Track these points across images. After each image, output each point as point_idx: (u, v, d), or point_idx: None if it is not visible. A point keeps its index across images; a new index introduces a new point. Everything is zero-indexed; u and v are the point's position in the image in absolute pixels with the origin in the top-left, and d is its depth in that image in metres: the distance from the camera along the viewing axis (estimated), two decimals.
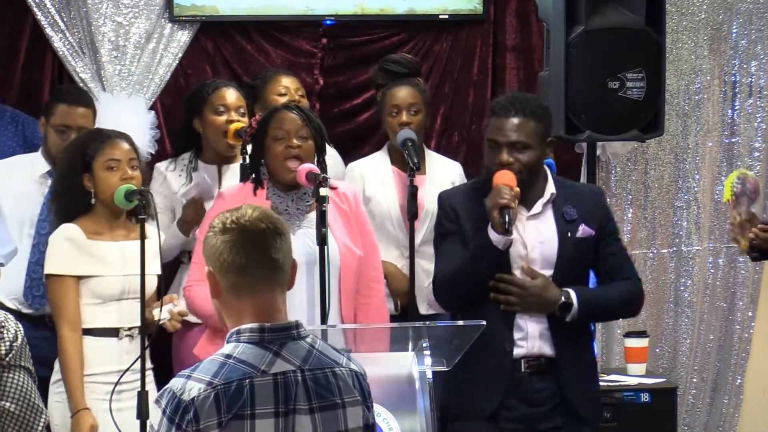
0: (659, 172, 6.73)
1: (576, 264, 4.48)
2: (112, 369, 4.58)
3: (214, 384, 2.79)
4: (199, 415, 2.77)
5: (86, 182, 4.66)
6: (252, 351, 2.85)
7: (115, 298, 4.62)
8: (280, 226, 2.92)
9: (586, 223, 4.47)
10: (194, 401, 2.78)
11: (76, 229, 4.64)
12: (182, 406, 2.78)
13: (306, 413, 2.85)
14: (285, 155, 4.61)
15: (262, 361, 2.84)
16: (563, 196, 4.49)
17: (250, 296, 2.89)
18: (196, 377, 2.81)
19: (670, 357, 6.76)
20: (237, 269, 2.87)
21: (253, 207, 2.94)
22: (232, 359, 2.84)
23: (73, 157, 4.72)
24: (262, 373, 2.83)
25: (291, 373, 2.85)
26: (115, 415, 4.42)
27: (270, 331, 2.87)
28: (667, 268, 6.75)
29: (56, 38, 6.16)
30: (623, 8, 5.65)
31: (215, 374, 2.81)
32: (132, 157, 4.70)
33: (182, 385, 2.81)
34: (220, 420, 2.77)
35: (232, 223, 2.89)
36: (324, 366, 2.90)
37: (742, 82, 6.73)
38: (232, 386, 2.79)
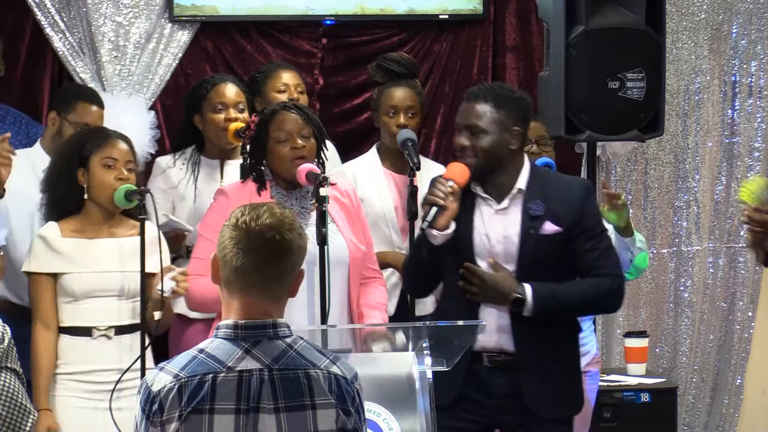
0: (659, 172, 6.73)
1: (541, 261, 4.37)
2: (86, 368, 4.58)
3: (180, 377, 2.84)
4: (164, 407, 2.83)
5: (80, 176, 4.66)
6: (224, 347, 2.88)
7: (87, 296, 4.61)
8: (289, 239, 2.90)
9: (555, 220, 4.36)
10: (160, 393, 2.84)
11: (52, 227, 4.65)
12: (151, 397, 2.85)
13: (270, 412, 2.85)
14: (291, 156, 4.61)
15: (230, 358, 2.86)
16: (536, 191, 4.39)
17: (240, 296, 2.91)
18: (167, 369, 2.88)
19: (670, 357, 6.76)
20: (234, 268, 2.89)
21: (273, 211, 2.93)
22: (203, 353, 2.88)
23: (71, 150, 4.72)
24: (228, 370, 2.85)
25: (257, 372, 2.86)
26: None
27: (244, 329, 2.90)
28: (667, 268, 6.75)
29: (56, 38, 6.16)
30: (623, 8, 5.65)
31: (183, 367, 2.86)
32: (129, 159, 4.69)
33: (154, 376, 2.88)
34: (181, 413, 2.82)
35: (244, 222, 2.90)
36: (297, 367, 2.89)
37: (742, 82, 6.73)
38: (195, 380, 2.84)
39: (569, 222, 4.38)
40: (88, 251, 4.64)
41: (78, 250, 4.63)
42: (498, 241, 4.38)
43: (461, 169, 4.33)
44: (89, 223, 4.68)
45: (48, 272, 4.63)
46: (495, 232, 4.39)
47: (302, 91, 5.71)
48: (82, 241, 4.64)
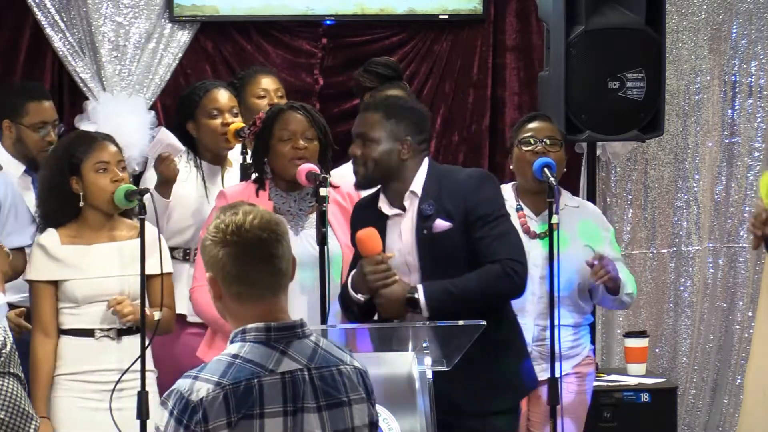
0: (659, 172, 6.73)
1: (443, 260, 4.30)
2: (93, 368, 4.59)
3: (223, 384, 2.78)
4: (208, 416, 2.76)
5: (74, 185, 4.64)
6: (259, 350, 2.85)
7: (90, 301, 4.61)
8: (279, 231, 2.90)
9: (445, 216, 4.30)
10: (203, 402, 2.77)
11: (51, 235, 4.64)
12: (190, 407, 2.77)
13: (314, 411, 2.84)
14: (291, 156, 4.62)
15: (269, 360, 2.84)
16: (430, 192, 4.34)
17: (254, 303, 2.88)
18: (204, 377, 2.81)
19: (670, 357, 6.76)
20: (241, 281, 2.86)
21: (251, 211, 2.89)
22: (239, 359, 2.83)
23: (60, 161, 4.68)
24: (270, 372, 2.82)
25: (298, 372, 2.85)
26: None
27: (276, 330, 2.87)
28: (667, 268, 6.76)
29: (56, 38, 6.16)
30: (623, 8, 5.66)
31: (223, 374, 2.80)
32: (120, 158, 4.68)
33: (190, 385, 2.80)
34: (230, 420, 2.77)
35: (232, 233, 2.86)
36: (330, 364, 2.90)
37: (742, 82, 6.73)
38: (241, 386, 2.79)
39: (459, 214, 4.30)
40: (87, 257, 4.63)
41: (77, 256, 4.62)
42: (399, 251, 4.33)
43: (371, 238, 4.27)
44: (87, 228, 4.67)
45: (48, 280, 4.63)
46: (395, 243, 4.35)
47: (282, 96, 5.65)
48: (81, 247, 4.64)
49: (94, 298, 4.60)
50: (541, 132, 4.97)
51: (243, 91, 5.62)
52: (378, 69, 5.63)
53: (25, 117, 5.31)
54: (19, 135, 5.32)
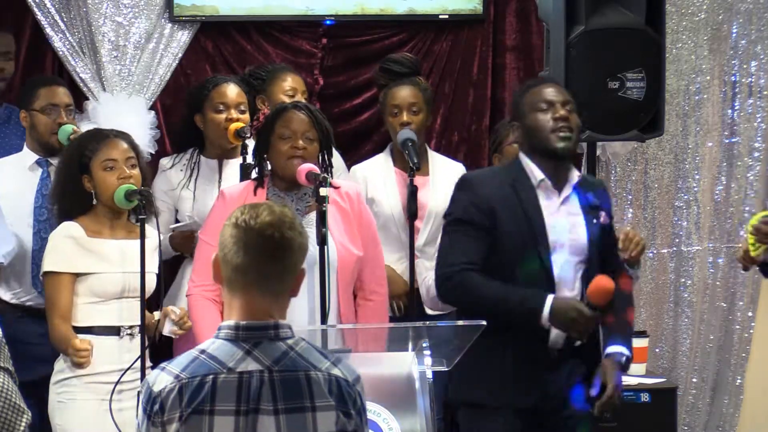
0: (659, 172, 6.73)
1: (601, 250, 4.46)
2: (113, 368, 4.58)
3: (180, 377, 2.84)
4: (165, 407, 2.83)
5: (86, 183, 4.66)
6: (225, 348, 2.88)
7: (115, 297, 4.62)
8: (289, 237, 2.90)
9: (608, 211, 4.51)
10: (161, 393, 2.83)
11: (76, 226, 4.64)
12: (152, 397, 2.85)
13: (270, 414, 2.85)
14: (289, 154, 4.63)
15: (231, 359, 2.86)
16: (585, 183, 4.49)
17: (241, 294, 2.90)
18: (168, 370, 2.88)
19: (670, 357, 6.76)
20: (234, 267, 2.89)
21: (272, 210, 2.92)
22: (204, 354, 2.88)
23: (71, 159, 4.72)
24: (228, 371, 2.85)
25: (257, 373, 2.86)
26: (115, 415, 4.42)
27: (245, 330, 2.89)
28: (667, 268, 6.75)
29: (56, 38, 6.16)
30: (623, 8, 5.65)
31: (184, 368, 2.86)
32: (130, 155, 4.69)
33: (155, 376, 2.88)
34: (181, 414, 2.82)
35: (244, 221, 2.89)
36: (298, 368, 2.89)
37: (742, 82, 6.73)
38: (196, 381, 2.84)
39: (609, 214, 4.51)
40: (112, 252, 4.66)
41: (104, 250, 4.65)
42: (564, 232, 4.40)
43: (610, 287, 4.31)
44: (102, 224, 4.69)
45: (73, 272, 4.61)
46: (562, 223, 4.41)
47: (306, 97, 5.72)
48: (105, 241, 4.66)
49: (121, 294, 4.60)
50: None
51: (270, 87, 5.63)
52: (392, 66, 5.67)
53: (36, 102, 5.41)
54: (32, 121, 5.39)
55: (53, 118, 5.37)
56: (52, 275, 4.63)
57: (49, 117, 5.37)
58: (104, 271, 4.61)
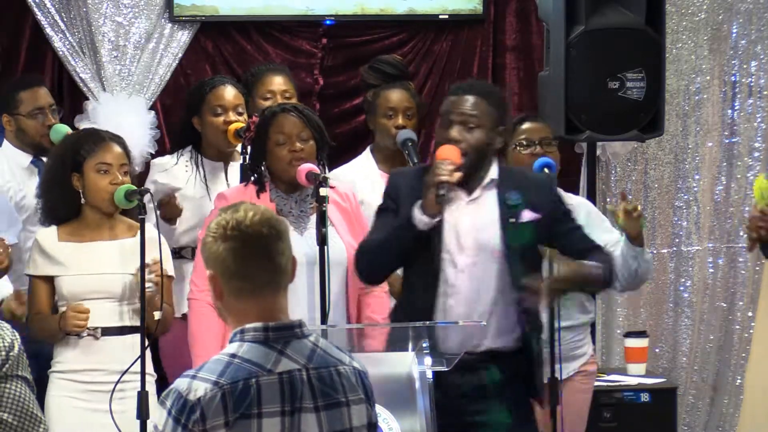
0: (659, 172, 6.73)
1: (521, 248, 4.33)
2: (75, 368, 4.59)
3: (221, 384, 2.79)
4: (206, 415, 2.76)
5: (75, 181, 4.65)
6: (257, 350, 2.85)
7: (79, 298, 4.61)
8: (280, 228, 2.91)
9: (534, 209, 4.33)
10: (200, 401, 2.77)
11: (49, 232, 4.65)
12: (188, 406, 2.77)
13: (312, 411, 2.84)
14: (290, 158, 4.62)
15: (267, 360, 2.84)
16: (509, 183, 4.35)
17: (254, 299, 2.88)
18: (202, 377, 2.81)
19: (669, 357, 6.76)
20: (241, 276, 2.87)
21: (252, 208, 2.91)
22: (237, 358, 2.83)
23: (65, 155, 4.70)
24: (268, 372, 2.83)
25: (296, 372, 2.85)
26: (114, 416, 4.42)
27: (274, 330, 2.87)
28: (667, 268, 6.75)
29: (56, 38, 6.17)
30: (623, 8, 5.66)
31: (221, 374, 2.80)
32: (123, 162, 4.67)
33: (188, 385, 2.80)
34: (227, 420, 2.77)
35: (233, 228, 2.87)
36: (328, 364, 2.90)
37: (742, 82, 6.73)
38: (239, 385, 2.79)
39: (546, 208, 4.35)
40: (85, 254, 4.63)
41: (74, 253, 4.63)
42: (468, 233, 4.31)
43: (453, 150, 4.25)
44: (86, 226, 4.67)
45: (43, 275, 4.64)
46: (465, 225, 4.32)
47: (290, 96, 5.59)
48: (78, 244, 4.64)
49: (84, 296, 4.60)
50: (535, 133, 4.98)
51: (252, 90, 5.61)
52: (384, 67, 5.64)
53: (21, 106, 5.36)
54: (19, 126, 5.37)
55: (41, 121, 5.35)
56: (31, 278, 4.70)
57: (38, 121, 5.35)
58: (66, 274, 4.61)
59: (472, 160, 4.28)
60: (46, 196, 4.74)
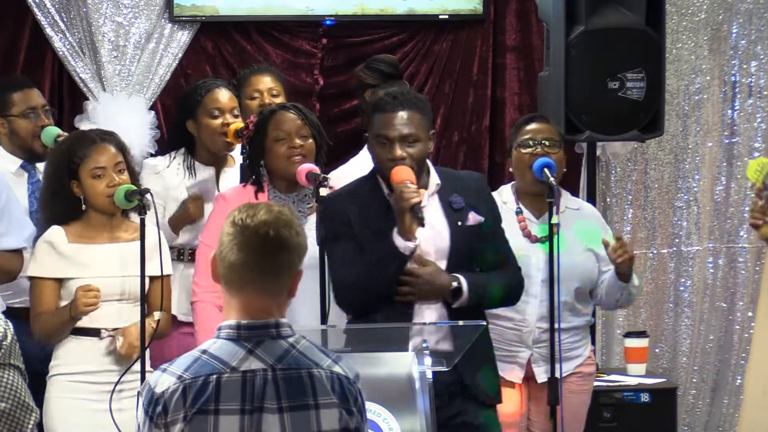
0: (659, 172, 6.73)
1: (467, 253, 4.34)
2: (93, 369, 4.58)
3: (183, 378, 2.83)
4: (168, 408, 2.82)
5: (75, 189, 4.64)
6: (227, 347, 2.88)
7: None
8: (285, 236, 2.90)
9: (475, 211, 4.34)
10: (164, 394, 2.83)
11: (58, 232, 4.63)
12: (155, 399, 2.84)
13: (274, 412, 2.85)
14: (288, 155, 4.63)
15: (234, 358, 2.86)
16: (449, 186, 4.36)
17: (238, 293, 2.90)
18: (170, 371, 2.87)
19: (670, 357, 6.76)
20: (230, 264, 2.89)
21: (270, 208, 2.92)
22: (206, 354, 2.88)
23: (60, 164, 4.68)
24: (232, 370, 2.85)
25: (261, 372, 2.86)
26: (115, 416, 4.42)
27: (246, 329, 2.89)
28: (667, 268, 6.75)
29: (56, 38, 6.17)
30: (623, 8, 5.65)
31: (187, 368, 2.85)
32: (118, 160, 4.65)
33: (157, 378, 2.86)
34: (185, 414, 2.81)
35: (240, 219, 2.90)
36: (300, 366, 2.89)
37: (742, 82, 6.73)
38: (199, 381, 2.83)
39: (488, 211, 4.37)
40: (92, 256, 4.63)
41: (84, 254, 4.62)
42: (426, 240, 4.29)
43: (407, 171, 4.23)
44: (91, 228, 4.67)
45: (52, 277, 4.61)
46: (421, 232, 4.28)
47: (276, 94, 5.58)
48: (87, 245, 4.64)
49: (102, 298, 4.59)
50: (539, 133, 4.96)
51: (240, 92, 5.61)
52: (381, 66, 5.62)
53: (13, 108, 5.33)
54: (11, 127, 5.34)
55: (34, 121, 5.33)
56: (35, 280, 4.65)
57: (30, 121, 5.33)
58: (81, 276, 4.60)
59: (416, 173, 4.27)
60: (48, 208, 4.72)
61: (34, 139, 5.30)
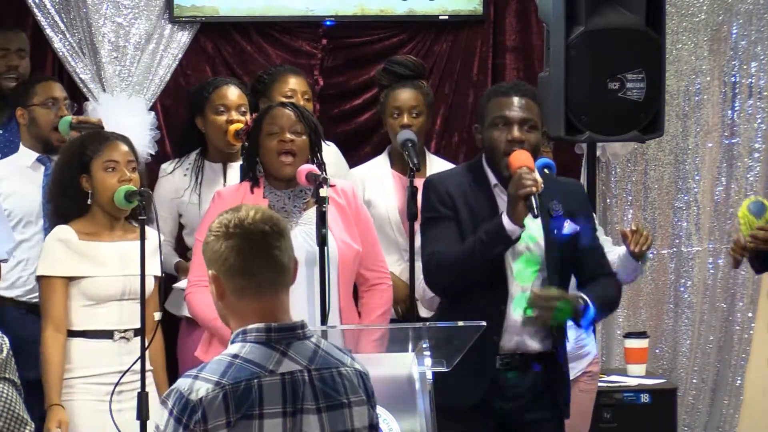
0: (659, 172, 6.73)
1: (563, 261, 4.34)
2: (109, 370, 4.58)
3: (223, 384, 2.79)
4: (207, 415, 2.77)
5: (84, 183, 4.66)
6: (259, 351, 2.86)
7: (109, 300, 4.61)
8: (281, 226, 2.92)
9: (573, 221, 4.33)
10: (202, 401, 2.78)
11: (68, 230, 4.63)
12: (190, 406, 2.78)
13: (313, 413, 2.85)
14: (278, 149, 4.63)
15: (269, 361, 2.84)
16: (549, 190, 4.32)
17: (256, 298, 2.89)
18: (204, 377, 2.81)
19: (670, 358, 6.76)
20: (243, 273, 2.87)
21: (253, 208, 2.93)
22: (239, 359, 2.84)
23: (71, 157, 4.71)
24: (270, 373, 2.83)
25: (298, 373, 2.86)
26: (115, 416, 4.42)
27: (277, 331, 2.88)
28: (667, 268, 6.75)
29: (56, 39, 6.16)
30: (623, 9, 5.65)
31: (223, 374, 2.81)
32: (130, 159, 4.69)
33: (190, 385, 2.81)
34: (229, 420, 2.78)
35: (235, 227, 2.88)
36: (330, 366, 2.91)
37: (742, 83, 6.72)
38: (241, 386, 2.80)
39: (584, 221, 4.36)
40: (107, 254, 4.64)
41: (94, 251, 4.63)
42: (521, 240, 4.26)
43: (527, 156, 4.20)
44: (98, 226, 4.68)
45: (64, 276, 4.61)
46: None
47: (309, 99, 5.69)
48: (100, 244, 4.65)
49: (115, 297, 4.60)
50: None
51: (270, 88, 5.62)
52: (394, 67, 5.65)
53: (35, 97, 5.41)
54: (32, 116, 5.40)
55: (54, 111, 5.37)
56: (45, 279, 4.64)
57: (50, 110, 5.38)
58: (97, 275, 4.60)
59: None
60: (55, 200, 4.74)
61: (51, 131, 5.35)
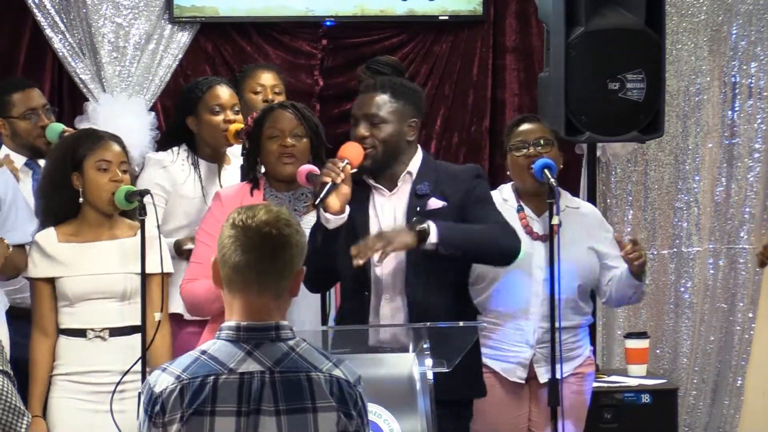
0: (659, 173, 6.73)
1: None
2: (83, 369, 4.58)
3: (182, 378, 2.85)
4: (166, 408, 2.84)
5: (75, 181, 4.65)
6: (226, 348, 2.89)
7: (83, 299, 4.61)
8: (287, 235, 2.91)
9: (440, 197, 4.32)
10: (162, 394, 2.85)
11: (49, 232, 4.65)
12: (153, 398, 2.86)
13: (271, 414, 2.85)
14: (279, 153, 4.63)
15: (232, 359, 2.87)
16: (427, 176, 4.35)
17: (240, 294, 2.91)
18: (169, 370, 2.88)
19: (670, 358, 6.76)
20: (232, 266, 2.90)
21: (269, 209, 2.94)
22: (205, 355, 2.89)
23: (64, 155, 4.70)
24: (229, 372, 2.86)
25: (258, 374, 2.87)
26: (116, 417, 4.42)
27: (246, 330, 2.90)
28: (668, 269, 6.75)
29: (56, 39, 6.17)
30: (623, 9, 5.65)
31: (185, 368, 2.87)
32: (123, 160, 4.68)
33: (156, 377, 2.88)
34: (182, 414, 2.83)
35: (241, 221, 2.91)
36: (299, 369, 2.89)
37: (742, 83, 6.73)
38: (196, 381, 2.85)
39: (456, 196, 4.33)
40: (85, 255, 4.63)
41: (74, 253, 4.62)
42: (388, 227, 4.29)
43: (357, 149, 4.30)
44: (86, 226, 4.67)
45: (45, 277, 4.63)
46: (386, 218, 4.33)
47: (279, 92, 5.65)
48: (78, 245, 4.64)
49: (87, 296, 4.60)
50: (531, 134, 4.97)
51: (241, 86, 5.63)
52: (379, 67, 5.61)
53: (13, 109, 5.35)
54: (13, 128, 5.35)
55: (34, 122, 5.34)
56: (32, 282, 4.69)
57: (31, 122, 5.34)
58: (68, 275, 4.60)
59: (382, 155, 4.33)
60: (46, 198, 4.73)
61: (36, 139, 5.32)
